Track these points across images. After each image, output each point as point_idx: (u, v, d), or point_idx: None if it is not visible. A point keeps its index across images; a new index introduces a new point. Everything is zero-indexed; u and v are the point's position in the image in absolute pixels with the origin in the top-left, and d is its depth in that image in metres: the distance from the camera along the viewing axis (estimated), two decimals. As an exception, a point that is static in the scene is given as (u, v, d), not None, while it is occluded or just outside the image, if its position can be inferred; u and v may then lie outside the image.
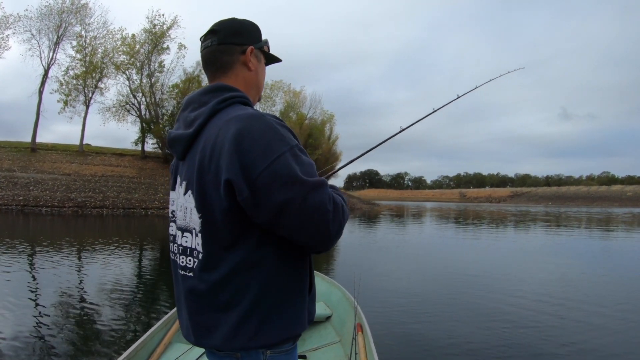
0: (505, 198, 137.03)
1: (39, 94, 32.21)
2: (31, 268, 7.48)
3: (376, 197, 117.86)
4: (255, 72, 1.11)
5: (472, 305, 5.56)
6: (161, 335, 2.70)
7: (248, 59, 1.08)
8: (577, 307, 5.53)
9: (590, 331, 4.54)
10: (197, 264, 0.97)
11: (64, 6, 32.68)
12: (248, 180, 0.86)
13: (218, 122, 0.95)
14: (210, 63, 1.08)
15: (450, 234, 18.27)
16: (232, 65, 1.07)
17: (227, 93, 1.00)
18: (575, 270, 8.77)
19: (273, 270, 0.94)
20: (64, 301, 5.30)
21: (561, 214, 41.20)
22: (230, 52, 1.07)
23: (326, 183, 0.92)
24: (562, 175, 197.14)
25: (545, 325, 4.66)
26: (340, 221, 0.93)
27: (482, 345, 3.97)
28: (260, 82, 1.15)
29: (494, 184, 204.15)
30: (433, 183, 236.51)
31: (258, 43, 1.11)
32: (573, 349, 3.97)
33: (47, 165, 28.79)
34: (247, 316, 0.92)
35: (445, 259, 10.21)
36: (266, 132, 0.88)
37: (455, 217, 32.53)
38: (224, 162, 0.88)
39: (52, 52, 33.02)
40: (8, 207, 21.47)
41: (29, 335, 3.97)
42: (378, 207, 51.17)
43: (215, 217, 0.92)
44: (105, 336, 4.05)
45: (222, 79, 1.08)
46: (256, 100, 1.16)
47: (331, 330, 3.18)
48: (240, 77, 1.09)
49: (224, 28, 1.07)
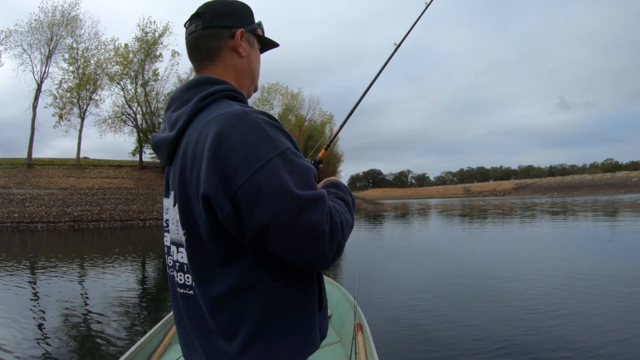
0: (510, 190, 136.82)
1: (33, 109, 31.91)
2: (27, 283, 7.40)
3: (380, 196, 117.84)
4: (247, 58, 0.98)
5: (474, 303, 5.39)
6: (161, 336, 2.67)
7: (238, 44, 0.95)
8: (587, 302, 5.23)
9: (601, 327, 4.29)
10: (193, 282, 0.86)
11: (54, 19, 32.43)
12: (228, 194, 0.74)
13: (200, 123, 0.82)
14: (196, 50, 0.96)
15: (452, 230, 17.76)
16: (220, 51, 0.95)
17: (211, 87, 0.88)
18: (589, 262, 8.26)
19: (273, 292, 0.83)
20: (63, 311, 5.33)
21: (568, 203, 40.66)
22: (217, 36, 0.94)
23: (324, 197, 0.78)
24: (565, 164, 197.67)
25: (550, 325, 4.39)
26: (339, 241, 0.80)
27: (484, 344, 3.87)
28: (254, 70, 1.02)
29: (498, 177, 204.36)
30: (436, 179, 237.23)
31: (250, 25, 0.98)
32: (581, 349, 3.73)
33: (43, 180, 28.37)
34: (249, 344, 0.82)
35: (446, 257, 10.00)
36: (250, 135, 0.75)
37: (459, 212, 32.13)
38: (202, 172, 0.76)
39: (45, 65, 32.77)
40: (3, 225, 21.09)
41: (29, 340, 4.12)
42: (382, 207, 50.77)
43: (200, 234, 0.81)
44: (105, 342, 4.10)
45: (209, 68, 0.95)
46: (252, 91, 1.04)
47: (331, 330, 3.11)
48: (230, 65, 0.96)
49: (209, 10, 0.94)
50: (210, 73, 0.95)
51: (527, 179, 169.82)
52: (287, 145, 0.77)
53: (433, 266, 8.77)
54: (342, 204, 0.91)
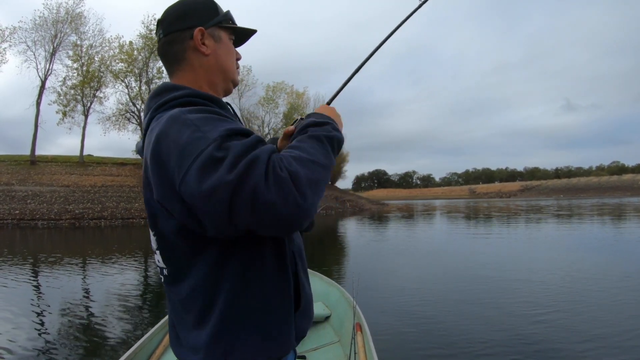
0: (516, 192, 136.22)
1: (36, 106, 31.73)
2: (25, 281, 7.36)
3: (385, 197, 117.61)
4: (213, 55, 0.97)
5: (473, 304, 5.34)
6: (160, 337, 2.66)
7: (198, 43, 0.94)
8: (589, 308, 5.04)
9: (606, 331, 4.18)
10: (167, 278, 0.92)
11: (59, 16, 32.29)
12: (175, 196, 0.75)
13: (151, 132, 0.84)
14: (164, 58, 0.98)
15: (453, 231, 17.51)
16: (184, 54, 0.95)
17: (167, 95, 0.88)
18: (596, 265, 7.93)
19: (239, 289, 0.85)
20: (63, 310, 5.31)
21: (574, 206, 40.15)
22: (179, 40, 0.95)
23: (256, 158, 0.70)
24: (571, 166, 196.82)
25: (554, 328, 4.29)
26: (295, 198, 0.69)
27: (483, 345, 3.84)
28: (225, 65, 0.99)
29: (503, 178, 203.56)
30: (442, 180, 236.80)
31: (211, 21, 0.96)
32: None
33: (45, 177, 28.24)
34: (217, 336, 0.85)
35: (447, 258, 9.89)
36: (182, 134, 0.74)
37: (462, 214, 31.90)
38: (152, 179, 0.80)
39: (49, 62, 32.61)
40: (3, 222, 20.98)
41: (25, 339, 4.08)
42: (387, 207, 50.44)
43: (166, 236, 0.86)
44: (105, 341, 4.09)
45: (178, 74, 0.96)
46: (229, 86, 1.03)
47: (330, 330, 3.16)
48: (197, 66, 0.96)
49: (168, 15, 0.96)
50: (180, 78, 0.96)
51: (533, 180, 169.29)
52: (218, 133, 0.72)
53: (433, 267, 8.69)
54: (310, 148, 0.79)
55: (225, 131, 0.73)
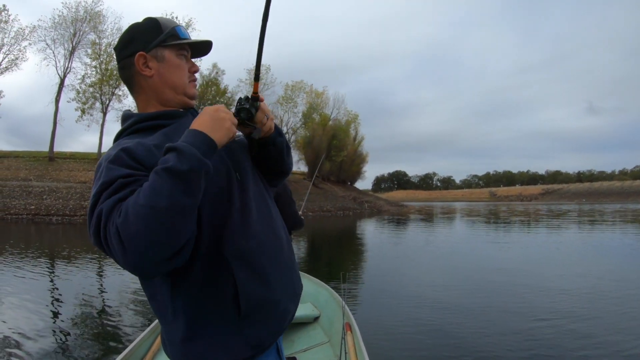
0: (537, 196, 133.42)
1: (55, 103, 32.02)
2: (41, 274, 7.42)
3: (404, 198, 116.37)
4: (157, 75, 1.01)
5: (464, 304, 5.33)
6: (149, 342, 2.62)
7: (140, 68, 1.00)
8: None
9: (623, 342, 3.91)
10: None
11: (78, 15, 32.51)
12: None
13: None
14: (123, 82, 1.05)
15: (465, 235, 17.07)
16: (133, 78, 1.02)
17: (124, 124, 1.00)
18: (617, 275, 7.41)
19: (167, 299, 0.93)
20: (77, 303, 5.38)
21: (597, 211, 38.80)
22: (127, 66, 1.02)
23: (99, 215, 0.79)
24: (594, 170, 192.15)
25: (558, 333, 4.16)
26: (120, 253, 0.76)
27: (472, 344, 3.84)
28: (171, 81, 1.02)
29: (524, 181, 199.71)
30: (462, 182, 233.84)
31: (150, 44, 1.00)
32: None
33: (63, 173, 28.32)
34: (167, 334, 0.97)
35: (448, 259, 9.87)
36: (97, 173, 0.87)
37: (480, 217, 31.46)
38: None
39: (68, 60, 32.86)
40: (19, 217, 20.92)
41: (24, 339, 3.96)
42: (405, 209, 49.46)
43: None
44: (105, 339, 4.04)
45: (134, 95, 1.05)
46: (183, 100, 1.06)
47: (320, 330, 3.15)
48: (146, 88, 1.02)
49: (118, 44, 1.03)
50: (136, 99, 1.04)
51: (555, 184, 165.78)
52: (106, 180, 0.81)
53: (433, 268, 8.67)
54: (148, 187, 0.77)
55: (99, 187, 0.81)
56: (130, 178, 0.80)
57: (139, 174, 0.82)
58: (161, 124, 0.97)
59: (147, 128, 0.97)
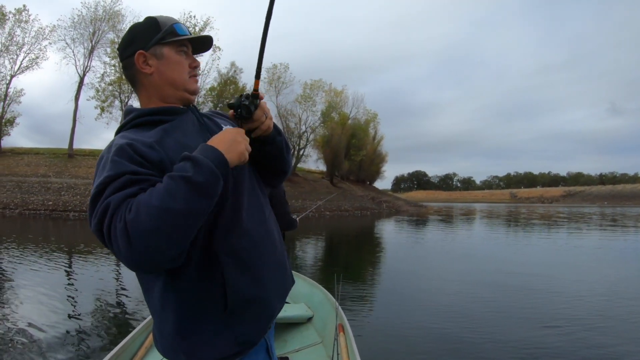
0: (558, 198, 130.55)
1: (75, 101, 32.40)
2: (57, 268, 7.47)
3: (424, 198, 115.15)
4: (156, 72, 1.04)
5: (462, 305, 5.30)
6: (142, 338, 2.62)
7: (140, 66, 1.03)
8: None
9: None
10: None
11: (97, 14, 32.82)
12: None
13: None
14: (127, 81, 1.09)
15: (481, 236, 16.68)
16: (136, 77, 1.05)
17: (125, 118, 1.04)
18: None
19: (160, 294, 0.95)
20: (92, 296, 5.44)
21: (618, 214, 37.58)
22: (129, 66, 1.05)
23: (105, 209, 0.81)
24: (616, 172, 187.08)
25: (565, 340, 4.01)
26: (116, 239, 0.78)
27: (469, 348, 3.76)
28: (170, 78, 1.05)
29: (546, 183, 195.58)
30: (482, 183, 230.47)
31: (149, 42, 1.03)
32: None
33: (82, 170, 28.53)
34: (158, 329, 1.00)
35: (449, 261, 9.74)
36: (100, 163, 0.90)
37: (499, 219, 30.70)
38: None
39: (87, 59, 33.21)
40: (37, 212, 21.06)
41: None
42: (424, 209, 48.63)
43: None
44: (104, 339, 3.96)
45: (137, 93, 1.08)
46: (184, 96, 1.07)
47: (313, 331, 3.16)
48: (147, 86, 1.05)
49: (120, 45, 1.07)
50: (139, 97, 1.07)
51: (577, 186, 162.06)
52: (112, 173, 0.83)
53: (434, 269, 8.56)
54: (163, 189, 0.80)
55: (104, 178, 0.83)
56: (138, 176, 0.83)
57: (146, 172, 0.85)
58: (161, 119, 1.00)
59: (147, 123, 1.00)
